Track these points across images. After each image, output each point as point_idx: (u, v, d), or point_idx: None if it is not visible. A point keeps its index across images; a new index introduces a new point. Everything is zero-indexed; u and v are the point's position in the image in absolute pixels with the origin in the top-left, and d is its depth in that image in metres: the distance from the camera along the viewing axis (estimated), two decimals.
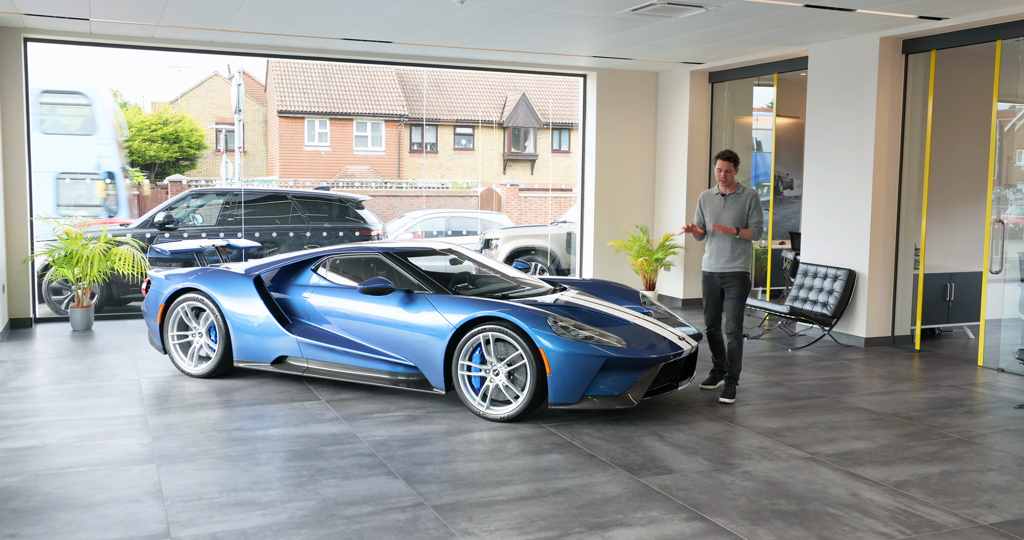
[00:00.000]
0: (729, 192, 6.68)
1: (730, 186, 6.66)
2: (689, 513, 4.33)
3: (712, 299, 6.77)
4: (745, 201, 6.61)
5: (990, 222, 7.96)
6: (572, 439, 5.55)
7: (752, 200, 6.60)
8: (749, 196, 6.62)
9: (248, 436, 5.53)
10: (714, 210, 6.71)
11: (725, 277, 6.66)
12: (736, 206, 6.62)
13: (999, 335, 8.69)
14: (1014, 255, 8.56)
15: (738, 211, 6.60)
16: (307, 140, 30.80)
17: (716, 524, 4.20)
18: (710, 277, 6.76)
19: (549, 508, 4.37)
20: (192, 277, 7.16)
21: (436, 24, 8.45)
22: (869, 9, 7.49)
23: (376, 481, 4.73)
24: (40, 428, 5.66)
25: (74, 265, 9.06)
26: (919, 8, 7.46)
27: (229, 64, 32.54)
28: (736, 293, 6.63)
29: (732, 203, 6.64)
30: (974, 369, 7.92)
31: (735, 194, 6.66)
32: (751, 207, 6.59)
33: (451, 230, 17.09)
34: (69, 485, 4.62)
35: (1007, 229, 8.16)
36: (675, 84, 11.51)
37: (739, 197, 6.63)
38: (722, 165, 6.64)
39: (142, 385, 6.87)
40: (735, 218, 6.60)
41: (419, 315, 6.25)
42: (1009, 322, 8.46)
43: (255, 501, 4.42)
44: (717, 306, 6.77)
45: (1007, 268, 8.31)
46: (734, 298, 6.64)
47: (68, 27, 8.83)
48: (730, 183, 6.65)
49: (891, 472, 5.00)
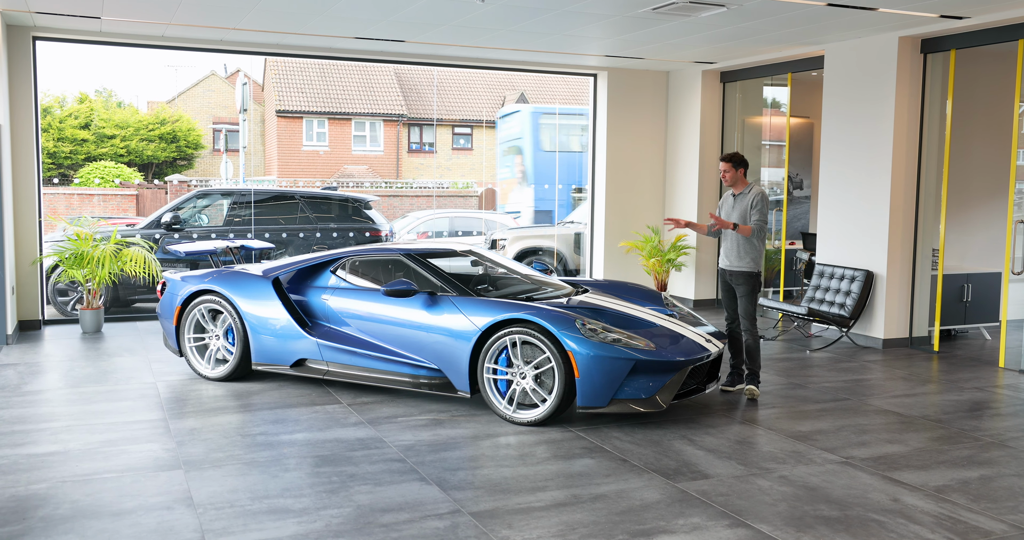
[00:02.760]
0: (739, 192, 6.81)
1: (739, 186, 6.79)
2: (731, 520, 4.26)
3: (727, 296, 6.95)
4: (750, 199, 6.69)
5: (1012, 222, 7.90)
6: (602, 443, 5.47)
7: (755, 199, 6.68)
8: (753, 195, 6.70)
9: (273, 441, 5.44)
10: (726, 210, 6.88)
11: (733, 275, 6.82)
12: (741, 205, 6.75)
13: (1017, 336, 8.64)
14: None
15: (742, 210, 6.72)
16: (305, 140, 30.64)
17: (760, 531, 4.12)
18: (722, 274, 6.95)
19: (589, 515, 4.30)
20: (209, 279, 7.06)
21: (452, 23, 8.37)
22: (891, 8, 7.43)
23: (409, 487, 4.65)
24: (61, 433, 5.56)
25: (84, 266, 8.95)
26: (941, 7, 7.40)
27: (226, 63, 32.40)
28: (744, 291, 6.76)
29: (739, 202, 6.78)
30: (995, 371, 7.87)
31: (743, 194, 6.77)
32: (752, 206, 6.68)
33: (455, 230, 17.01)
34: (97, 492, 4.52)
35: None
36: (687, 84, 11.45)
37: (745, 197, 6.74)
38: (721, 166, 6.85)
39: (159, 388, 6.77)
40: (738, 217, 6.73)
41: (443, 317, 6.16)
42: None
43: (288, 508, 4.33)
44: (732, 303, 6.92)
45: None
46: (743, 296, 6.77)
47: (78, 26, 8.72)
48: (736, 183, 6.79)
49: (929, 477, 4.94)
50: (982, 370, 7.88)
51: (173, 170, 27.80)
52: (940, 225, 8.76)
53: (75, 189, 20.67)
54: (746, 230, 6.64)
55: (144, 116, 27.94)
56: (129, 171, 24.34)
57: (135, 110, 29.38)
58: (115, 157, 26.04)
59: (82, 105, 27.05)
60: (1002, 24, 7.73)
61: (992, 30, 7.89)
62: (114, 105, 29.93)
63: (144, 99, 32.88)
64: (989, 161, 9.92)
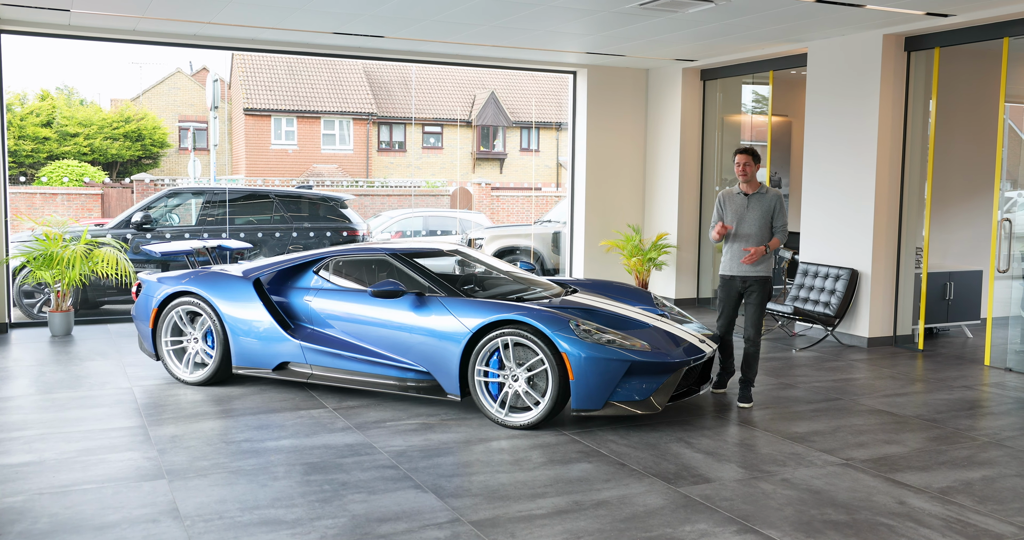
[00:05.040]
0: (752, 192, 6.37)
1: (752, 185, 6.38)
2: (739, 525, 4.16)
3: (729, 303, 6.51)
4: (771, 203, 6.32)
5: (997, 220, 7.90)
6: (598, 447, 5.35)
7: (777, 202, 6.33)
8: (774, 198, 6.34)
9: (259, 448, 5.26)
10: (737, 210, 6.39)
11: (748, 281, 6.39)
12: (761, 207, 6.32)
13: (999, 334, 8.65)
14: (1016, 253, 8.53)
15: (763, 213, 6.31)
16: (274, 138, 30.24)
17: (770, 537, 4.02)
18: (730, 280, 6.47)
19: (593, 522, 4.17)
20: (187, 280, 6.84)
21: (434, 18, 8.20)
22: (878, 5, 7.39)
23: (405, 495, 4.49)
24: (35, 442, 5.33)
25: (53, 267, 8.66)
26: (927, 4, 7.37)
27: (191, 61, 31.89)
28: (758, 299, 6.38)
29: (756, 204, 6.34)
30: (981, 369, 7.86)
31: (759, 194, 6.36)
32: (777, 209, 6.32)
33: (428, 230, 16.82)
34: (77, 504, 4.31)
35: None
36: (667, 82, 11.37)
37: (764, 198, 6.34)
38: (740, 159, 6.31)
39: (136, 394, 6.54)
40: (759, 220, 6.31)
41: (432, 319, 6.00)
42: (1013, 321, 8.41)
43: (281, 519, 4.16)
44: (734, 311, 6.53)
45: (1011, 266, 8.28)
46: (756, 303, 6.38)
47: (47, 19, 8.43)
48: (751, 181, 6.37)
49: (932, 478, 4.87)
50: (968, 368, 7.87)
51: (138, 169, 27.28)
52: (924, 223, 8.75)
53: (38, 188, 20.18)
54: (776, 243, 6.29)
55: (108, 114, 27.37)
56: (93, 170, 23.81)
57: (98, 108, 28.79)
58: (78, 156, 25.49)
59: (44, 102, 26.45)
60: (987, 22, 7.72)
61: (977, 28, 7.88)
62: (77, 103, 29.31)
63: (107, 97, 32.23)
64: (969, 159, 9.94)
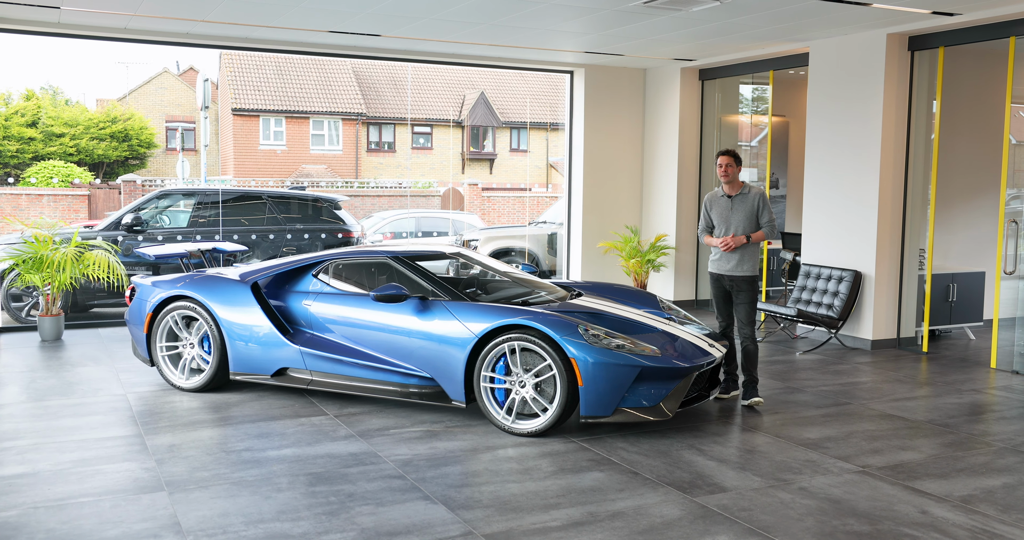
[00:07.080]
0: (735, 193, 6.41)
1: (735, 186, 6.41)
2: (760, 536, 4.03)
3: (722, 300, 6.58)
4: (753, 201, 6.36)
5: (1003, 222, 7.82)
6: (609, 455, 5.22)
7: (760, 199, 6.36)
8: (757, 196, 6.38)
9: (260, 457, 5.10)
10: (721, 212, 6.46)
11: (734, 280, 6.44)
12: (744, 207, 6.37)
13: (1005, 336, 8.59)
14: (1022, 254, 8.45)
15: (747, 212, 6.36)
16: (262, 139, 29.99)
17: None
18: (718, 279, 6.54)
19: (610, 534, 4.04)
20: (182, 284, 6.67)
21: (432, 16, 8.06)
22: (885, 3, 7.30)
23: (414, 507, 4.35)
24: (28, 452, 5.16)
25: (42, 270, 8.47)
26: (934, 3, 7.28)
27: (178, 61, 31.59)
28: (745, 298, 6.43)
29: (740, 204, 6.39)
30: (987, 371, 7.78)
31: (742, 194, 6.39)
32: (760, 207, 6.36)
33: (421, 231, 16.67)
34: (74, 519, 4.15)
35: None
36: (665, 81, 11.26)
37: (746, 197, 6.38)
38: (722, 160, 6.37)
39: (130, 401, 6.37)
40: (745, 219, 6.35)
41: (436, 323, 5.86)
42: (1020, 321, 8.33)
43: (287, 533, 4.01)
44: (728, 307, 6.58)
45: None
46: (744, 303, 6.43)
47: (35, 16, 8.24)
48: (734, 182, 6.40)
49: (952, 486, 4.76)
50: (974, 371, 7.78)
51: (125, 170, 26.99)
52: (928, 224, 8.66)
53: (23, 189, 19.90)
54: (760, 236, 6.34)
55: (94, 114, 27.07)
56: (80, 170, 23.53)
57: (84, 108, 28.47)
58: (64, 156, 25.19)
59: (29, 102, 26.13)
60: (994, 21, 7.63)
61: (983, 27, 7.80)
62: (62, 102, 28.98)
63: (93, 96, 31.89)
64: (972, 159, 9.87)
